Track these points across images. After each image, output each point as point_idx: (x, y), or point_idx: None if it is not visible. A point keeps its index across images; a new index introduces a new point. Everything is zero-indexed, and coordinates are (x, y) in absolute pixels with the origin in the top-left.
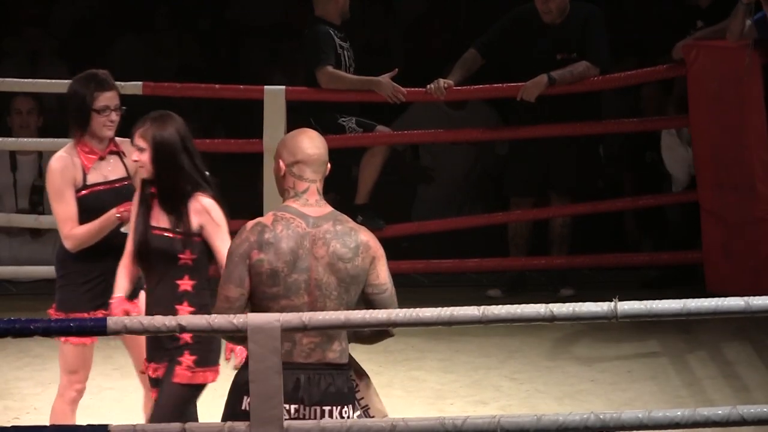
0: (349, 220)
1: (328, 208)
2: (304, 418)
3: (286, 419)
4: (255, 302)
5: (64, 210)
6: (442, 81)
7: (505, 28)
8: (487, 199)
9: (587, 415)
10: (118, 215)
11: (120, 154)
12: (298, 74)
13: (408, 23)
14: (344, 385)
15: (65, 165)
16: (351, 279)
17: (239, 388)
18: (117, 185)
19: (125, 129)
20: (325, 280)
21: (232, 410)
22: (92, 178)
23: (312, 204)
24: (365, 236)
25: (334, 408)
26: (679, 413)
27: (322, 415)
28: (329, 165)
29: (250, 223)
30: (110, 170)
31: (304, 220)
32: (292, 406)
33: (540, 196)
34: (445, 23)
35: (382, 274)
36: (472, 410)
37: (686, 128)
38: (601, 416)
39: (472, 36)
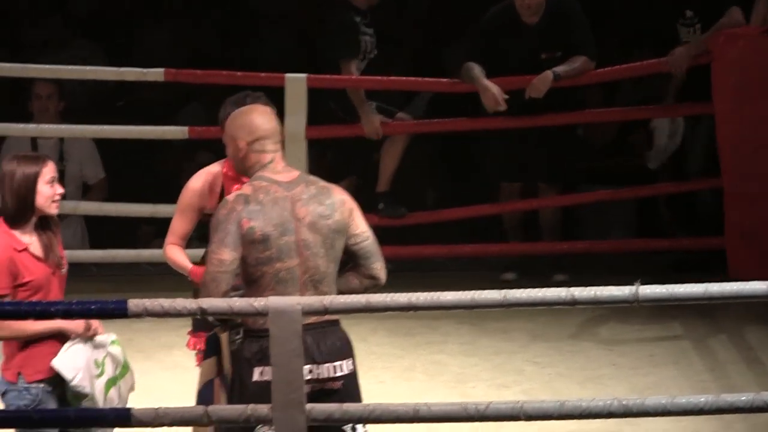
0: (319, 180)
1: (296, 172)
2: (318, 377)
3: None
4: (249, 270)
5: (175, 224)
6: (497, 92)
7: (485, 30)
8: None
9: (610, 401)
10: (191, 279)
11: None
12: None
13: (420, 13)
14: (344, 337)
15: (201, 191)
16: (334, 234)
17: (248, 361)
18: None
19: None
20: (311, 239)
21: (242, 384)
22: None
23: (280, 171)
24: (338, 192)
25: (344, 362)
26: (702, 399)
27: (335, 371)
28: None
29: (232, 195)
30: None
31: (278, 185)
32: (305, 367)
33: (528, 183)
34: (456, 15)
35: (362, 224)
36: (494, 394)
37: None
38: (624, 402)
39: None
